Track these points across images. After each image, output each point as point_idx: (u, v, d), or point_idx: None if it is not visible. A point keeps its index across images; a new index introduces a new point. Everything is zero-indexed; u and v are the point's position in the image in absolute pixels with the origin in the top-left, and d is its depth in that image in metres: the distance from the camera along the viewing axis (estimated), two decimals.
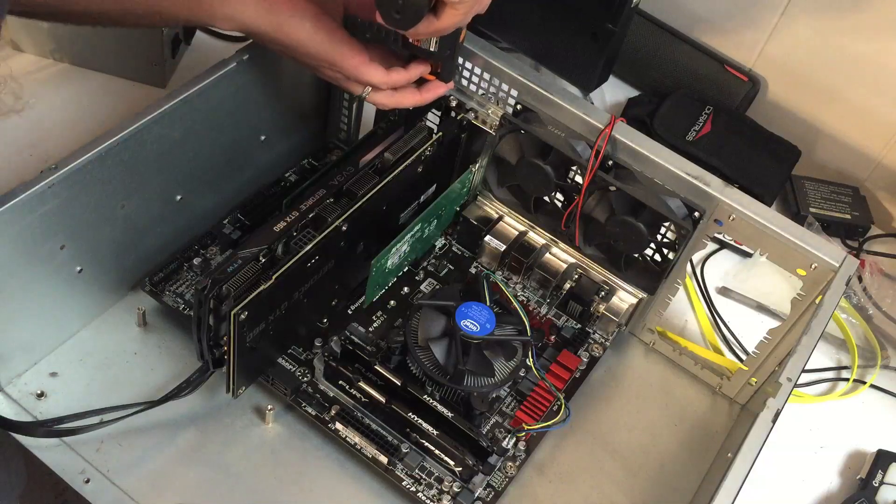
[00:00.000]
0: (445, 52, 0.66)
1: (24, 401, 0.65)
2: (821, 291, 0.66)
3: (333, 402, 0.67)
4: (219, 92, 0.68)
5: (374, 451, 0.65)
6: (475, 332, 0.67)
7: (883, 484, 0.73)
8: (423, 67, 0.68)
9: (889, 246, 0.95)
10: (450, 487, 0.64)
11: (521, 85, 0.73)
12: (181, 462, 0.64)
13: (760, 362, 0.72)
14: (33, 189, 0.57)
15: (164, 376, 0.68)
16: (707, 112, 0.96)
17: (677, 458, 0.72)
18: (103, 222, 0.65)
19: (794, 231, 0.67)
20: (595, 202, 0.72)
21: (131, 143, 0.63)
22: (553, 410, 0.70)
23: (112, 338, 0.70)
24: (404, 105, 0.69)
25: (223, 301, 0.59)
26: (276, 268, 0.61)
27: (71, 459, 0.62)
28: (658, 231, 0.72)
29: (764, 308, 0.85)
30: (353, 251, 0.70)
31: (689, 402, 0.76)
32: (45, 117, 0.84)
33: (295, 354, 0.70)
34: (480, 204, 0.81)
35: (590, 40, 0.83)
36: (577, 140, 0.71)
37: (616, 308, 0.75)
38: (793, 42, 0.94)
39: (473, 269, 0.80)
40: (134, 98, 0.87)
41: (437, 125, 0.76)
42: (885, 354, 0.84)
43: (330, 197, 0.66)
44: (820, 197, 0.95)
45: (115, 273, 0.70)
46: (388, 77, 0.65)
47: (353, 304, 0.74)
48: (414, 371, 0.68)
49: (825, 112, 0.97)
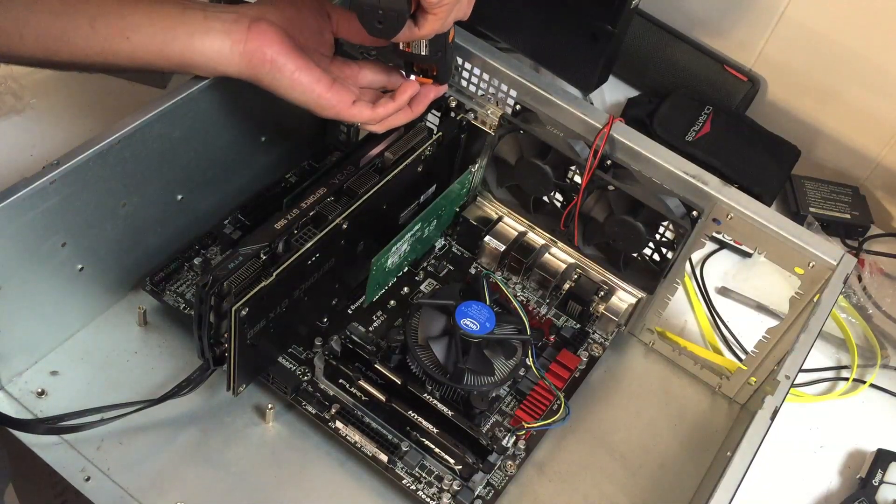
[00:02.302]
0: (437, 53, 0.67)
1: (24, 399, 0.65)
2: (819, 290, 0.67)
3: (334, 401, 0.67)
4: (219, 92, 0.68)
5: (375, 450, 0.65)
6: (475, 331, 0.67)
7: (883, 483, 0.73)
8: (411, 91, 0.69)
9: (889, 245, 0.95)
10: (450, 486, 0.64)
11: (520, 85, 0.73)
12: (181, 460, 0.64)
13: (760, 362, 0.72)
14: (35, 185, 0.58)
15: (164, 375, 0.68)
16: (706, 112, 0.96)
17: (677, 458, 0.72)
18: (104, 220, 0.65)
19: (792, 229, 0.67)
20: (594, 202, 0.72)
21: (132, 141, 0.63)
22: (553, 409, 0.70)
23: (113, 337, 0.70)
24: (398, 125, 0.71)
25: (224, 298, 0.59)
26: (276, 265, 0.61)
27: (71, 457, 0.62)
28: (656, 230, 0.72)
29: (763, 308, 0.86)
30: (354, 250, 0.70)
31: (689, 401, 0.76)
32: (45, 117, 0.84)
33: (295, 353, 0.70)
34: (480, 204, 0.81)
35: (589, 41, 0.83)
36: (576, 140, 0.71)
37: (615, 308, 0.75)
38: (793, 42, 0.95)
39: (473, 270, 0.80)
40: (134, 98, 0.87)
41: (436, 125, 0.76)
42: (885, 354, 0.84)
43: (331, 195, 0.66)
44: (819, 197, 0.95)
45: (116, 272, 0.70)
46: (374, 114, 0.67)
47: (354, 304, 0.74)
48: (414, 370, 0.68)
49: (825, 112, 0.97)
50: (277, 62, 0.62)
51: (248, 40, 0.62)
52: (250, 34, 0.62)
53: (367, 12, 0.59)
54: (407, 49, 0.67)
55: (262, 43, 0.62)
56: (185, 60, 0.62)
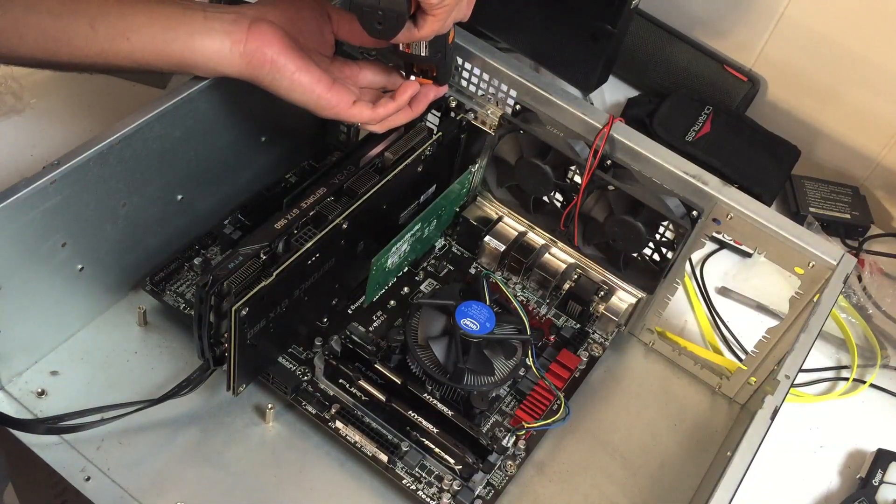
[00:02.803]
0: (437, 53, 0.67)
1: (24, 399, 0.65)
2: (819, 290, 0.67)
3: (334, 401, 0.67)
4: (220, 92, 0.68)
5: (375, 450, 0.65)
6: (475, 331, 0.67)
7: (883, 483, 0.73)
8: (411, 91, 0.69)
9: (889, 245, 0.95)
10: (450, 486, 0.64)
11: (520, 85, 0.73)
12: (181, 460, 0.64)
13: (760, 362, 0.72)
14: (35, 185, 0.58)
15: (164, 375, 0.68)
16: (706, 112, 0.96)
17: (677, 458, 0.72)
18: (105, 220, 0.65)
19: (792, 229, 0.67)
20: (594, 202, 0.72)
21: (133, 141, 0.63)
22: (553, 409, 0.70)
23: (113, 337, 0.70)
24: (398, 124, 0.71)
25: (224, 298, 0.59)
26: (276, 265, 0.61)
27: (71, 457, 0.62)
28: (656, 230, 0.72)
29: (763, 308, 0.86)
30: (354, 250, 0.70)
31: (689, 401, 0.76)
32: (45, 117, 0.84)
33: (295, 353, 0.70)
34: (480, 204, 0.81)
35: (589, 41, 0.83)
36: (576, 140, 0.71)
37: (615, 308, 0.75)
38: (793, 42, 0.95)
39: (473, 270, 0.80)
40: (134, 98, 0.87)
41: (436, 125, 0.76)
42: (885, 354, 0.85)
43: (331, 195, 0.66)
44: (819, 197, 0.95)
45: (116, 272, 0.70)
46: (374, 114, 0.67)
47: (354, 304, 0.74)
48: (414, 370, 0.68)
49: (825, 112, 0.97)
50: (277, 63, 0.62)
51: (247, 41, 0.62)
52: (250, 35, 0.62)
53: (367, 13, 0.59)
54: (407, 50, 0.67)
55: (262, 43, 0.62)
56: (186, 61, 0.62)
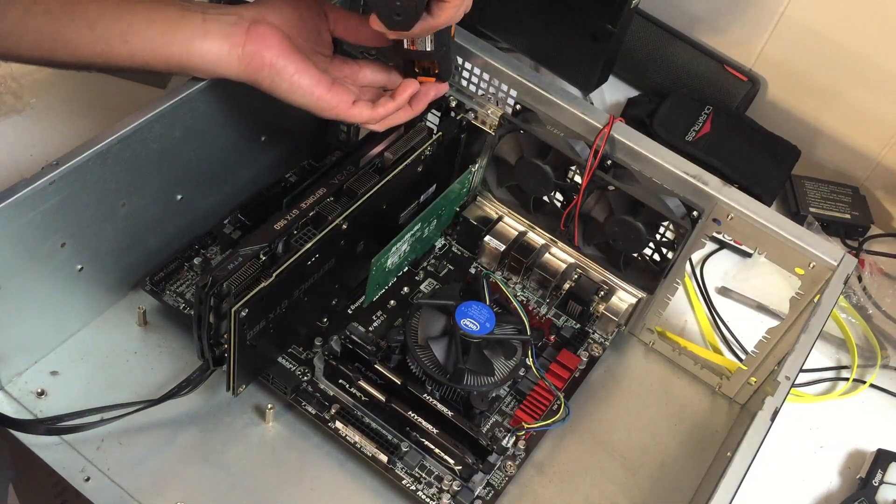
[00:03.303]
0: (442, 48, 0.67)
1: (24, 399, 0.65)
2: (819, 290, 0.67)
3: (333, 401, 0.67)
4: (219, 92, 0.68)
5: (374, 450, 0.65)
6: (475, 331, 0.67)
7: (883, 483, 0.73)
8: (411, 90, 0.69)
9: (889, 246, 0.95)
10: (449, 486, 0.64)
11: (520, 85, 0.73)
12: (181, 461, 0.64)
13: (760, 362, 0.72)
14: (34, 185, 0.57)
15: (164, 375, 0.68)
16: (706, 112, 0.96)
17: (677, 458, 0.72)
18: (104, 220, 0.65)
19: (792, 230, 0.67)
20: (594, 202, 0.72)
21: (132, 141, 0.63)
22: (553, 410, 0.70)
23: (112, 337, 0.70)
24: (398, 123, 0.71)
25: (224, 298, 0.59)
26: (276, 265, 0.61)
27: (71, 458, 0.62)
28: (657, 230, 0.72)
29: (764, 308, 0.86)
30: (354, 250, 0.70)
31: (689, 401, 0.76)
32: (45, 117, 0.84)
33: (295, 353, 0.70)
34: (480, 204, 0.81)
35: (589, 41, 0.83)
36: (576, 140, 0.71)
37: (615, 308, 0.75)
38: (793, 42, 0.95)
39: (473, 270, 0.80)
40: (134, 98, 0.87)
41: (436, 125, 0.76)
42: (885, 354, 0.84)
43: (330, 196, 0.66)
44: (819, 197, 0.95)
45: (116, 272, 0.70)
46: (374, 113, 0.67)
47: (354, 304, 0.74)
48: (414, 370, 0.68)
49: (825, 112, 0.97)
50: (276, 65, 0.62)
51: (246, 43, 0.62)
52: (249, 37, 0.62)
53: (385, 6, 0.59)
54: (411, 46, 0.66)
55: (260, 46, 0.62)
56: (185, 63, 0.62)
